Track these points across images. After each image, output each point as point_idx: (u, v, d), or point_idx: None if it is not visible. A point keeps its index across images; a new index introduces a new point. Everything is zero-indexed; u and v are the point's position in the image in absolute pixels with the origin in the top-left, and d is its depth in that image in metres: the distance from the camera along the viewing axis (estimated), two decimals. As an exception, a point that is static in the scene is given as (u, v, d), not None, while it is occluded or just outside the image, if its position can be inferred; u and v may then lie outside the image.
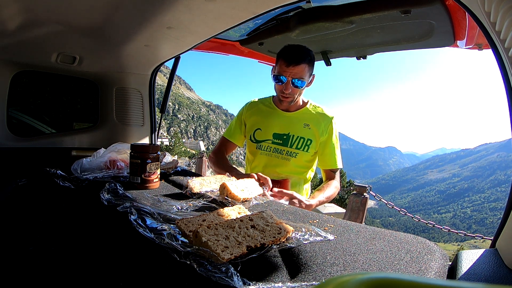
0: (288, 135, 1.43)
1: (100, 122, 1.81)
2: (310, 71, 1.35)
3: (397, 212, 3.04)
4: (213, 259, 0.53)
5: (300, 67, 1.29)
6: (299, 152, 1.42)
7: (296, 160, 1.42)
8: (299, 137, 1.41)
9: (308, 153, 1.42)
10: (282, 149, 1.43)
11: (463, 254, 0.59)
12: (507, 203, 0.64)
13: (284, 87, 1.33)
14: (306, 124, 1.42)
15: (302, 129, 1.42)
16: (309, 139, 1.41)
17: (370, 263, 0.54)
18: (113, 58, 1.59)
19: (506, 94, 0.65)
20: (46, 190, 1.01)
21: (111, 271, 0.51)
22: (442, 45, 1.47)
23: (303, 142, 1.41)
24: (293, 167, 1.43)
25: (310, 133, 1.41)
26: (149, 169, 1.04)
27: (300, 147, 1.42)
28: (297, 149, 1.42)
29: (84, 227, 0.72)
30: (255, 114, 1.52)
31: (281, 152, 1.43)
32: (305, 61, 1.29)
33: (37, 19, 1.16)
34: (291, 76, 1.30)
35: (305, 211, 0.87)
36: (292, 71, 1.29)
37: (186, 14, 1.06)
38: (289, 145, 1.42)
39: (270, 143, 1.45)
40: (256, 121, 1.50)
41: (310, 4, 1.28)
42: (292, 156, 1.42)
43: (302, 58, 1.28)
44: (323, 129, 1.42)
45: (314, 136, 1.42)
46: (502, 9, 0.55)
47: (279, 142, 1.44)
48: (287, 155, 1.43)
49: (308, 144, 1.41)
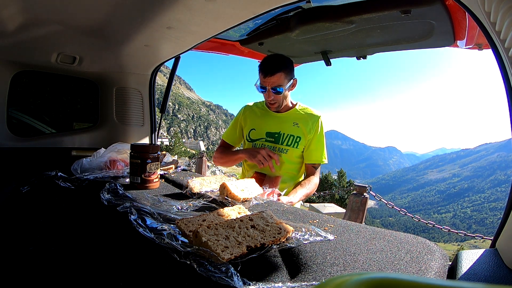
0: (279, 133, 1.56)
1: (100, 122, 1.81)
2: (289, 77, 1.47)
3: (397, 212, 3.04)
4: (213, 259, 0.53)
5: (276, 76, 1.42)
6: (289, 148, 1.54)
7: (287, 156, 1.55)
8: (289, 134, 1.54)
9: (297, 149, 1.55)
10: (274, 146, 1.56)
11: (463, 254, 0.59)
12: (507, 203, 0.64)
13: (267, 95, 1.50)
14: (295, 122, 1.55)
15: (291, 127, 1.54)
16: (298, 136, 1.54)
17: (370, 263, 0.54)
18: (113, 58, 1.59)
19: (506, 94, 0.65)
20: (46, 190, 1.01)
21: (111, 271, 0.51)
22: (442, 45, 1.47)
23: (293, 139, 1.54)
24: (285, 162, 1.55)
25: (299, 130, 1.54)
26: (149, 169, 1.04)
27: (290, 143, 1.54)
28: (287, 146, 1.54)
29: (84, 227, 0.72)
30: (250, 117, 1.65)
31: (274, 149, 1.56)
32: (280, 70, 1.42)
33: (37, 19, 1.16)
34: (269, 85, 1.45)
35: (305, 211, 0.87)
36: (270, 81, 1.44)
37: (186, 14, 1.06)
38: (280, 142, 1.55)
39: (263, 141, 1.59)
40: (251, 122, 1.64)
41: (310, 4, 1.28)
42: (283, 152, 1.55)
43: (276, 68, 1.42)
44: (311, 127, 1.54)
45: (302, 133, 1.54)
46: (502, 9, 0.55)
47: (271, 140, 1.57)
48: (279, 152, 1.55)
49: (297, 141, 1.54)
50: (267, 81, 1.45)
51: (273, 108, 1.56)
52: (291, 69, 1.49)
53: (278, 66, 1.43)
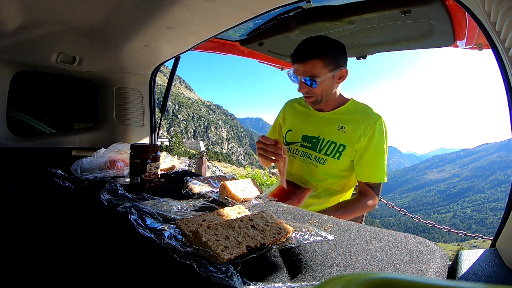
0: (318, 138, 1.26)
1: (100, 122, 1.81)
2: (330, 66, 1.15)
3: (397, 212, 3.04)
4: (213, 259, 0.53)
5: (309, 64, 1.14)
6: (328, 158, 1.23)
7: (325, 167, 1.23)
8: (330, 141, 1.23)
9: (340, 161, 1.22)
10: (310, 153, 1.27)
11: (463, 254, 0.59)
12: (507, 203, 0.64)
13: (299, 86, 1.20)
14: (341, 126, 1.22)
15: (335, 132, 1.23)
16: (342, 145, 1.21)
17: (370, 263, 0.54)
18: (113, 58, 1.59)
19: (506, 94, 0.65)
20: (46, 190, 1.01)
21: (111, 271, 0.51)
22: (442, 45, 1.47)
23: (334, 148, 1.22)
24: (321, 175, 1.25)
25: (344, 137, 1.21)
26: (149, 169, 1.04)
27: (330, 153, 1.22)
28: (326, 155, 1.23)
29: (84, 227, 0.72)
30: (290, 115, 1.41)
31: (310, 157, 1.27)
32: (314, 56, 1.13)
33: (37, 19, 1.16)
34: (301, 75, 1.18)
35: (305, 211, 0.87)
36: (301, 69, 1.17)
37: (186, 14, 1.06)
38: (318, 150, 1.25)
39: (298, 146, 1.31)
40: (289, 121, 1.39)
41: (310, 4, 1.28)
42: (320, 163, 1.24)
43: (309, 54, 1.14)
44: (362, 133, 1.19)
45: (349, 141, 1.20)
46: (502, 9, 0.55)
47: (308, 145, 1.29)
48: (315, 161, 1.25)
49: (340, 150, 1.21)
50: (298, 69, 1.17)
51: (309, 103, 1.25)
52: (334, 56, 1.16)
53: (312, 51, 1.13)
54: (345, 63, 1.21)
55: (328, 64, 1.15)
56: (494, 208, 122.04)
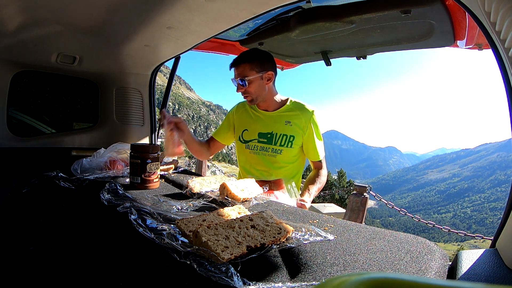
0: (271, 134, 1.52)
1: (100, 122, 1.80)
2: (256, 69, 1.41)
3: (397, 212, 3.04)
4: (213, 259, 0.53)
5: (240, 68, 1.41)
6: (283, 148, 1.50)
7: (282, 156, 1.50)
8: (282, 134, 1.50)
9: (292, 149, 1.50)
10: (268, 147, 1.52)
11: (463, 254, 0.59)
12: (507, 203, 0.64)
13: (236, 88, 1.48)
14: (288, 121, 1.50)
15: (284, 126, 1.50)
16: (292, 136, 1.49)
17: (370, 263, 0.54)
18: (113, 58, 1.59)
19: (506, 94, 0.65)
20: (46, 190, 1.01)
21: (111, 271, 0.51)
22: (442, 45, 1.47)
23: (286, 139, 1.49)
24: (280, 163, 1.51)
25: (292, 129, 1.49)
26: (149, 169, 1.04)
27: (283, 143, 1.50)
28: (281, 146, 1.50)
29: (84, 227, 0.72)
30: (242, 116, 1.62)
31: (267, 150, 1.52)
32: (245, 61, 1.40)
33: (37, 19, 1.16)
34: (236, 77, 1.44)
35: (305, 211, 0.87)
36: (236, 73, 1.44)
37: (186, 14, 1.06)
38: (273, 143, 1.51)
39: (256, 142, 1.55)
40: (243, 122, 1.60)
41: (310, 4, 1.28)
42: (278, 153, 1.51)
43: (240, 60, 1.41)
44: (304, 124, 1.49)
45: (296, 132, 1.49)
46: (502, 9, 0.55)
47: (264, 141, 1.53)
48: (273, 152, 1.51)
49: (291, 141, 1.49)
50: (234, 73, 1.45)
51: (248, 102, 1.51)
52: (262, 62, 1.42)
53: (243, 57, 1.42)
54: (272, 68, 1.47)
55: (255, 67, 1.41)
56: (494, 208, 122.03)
